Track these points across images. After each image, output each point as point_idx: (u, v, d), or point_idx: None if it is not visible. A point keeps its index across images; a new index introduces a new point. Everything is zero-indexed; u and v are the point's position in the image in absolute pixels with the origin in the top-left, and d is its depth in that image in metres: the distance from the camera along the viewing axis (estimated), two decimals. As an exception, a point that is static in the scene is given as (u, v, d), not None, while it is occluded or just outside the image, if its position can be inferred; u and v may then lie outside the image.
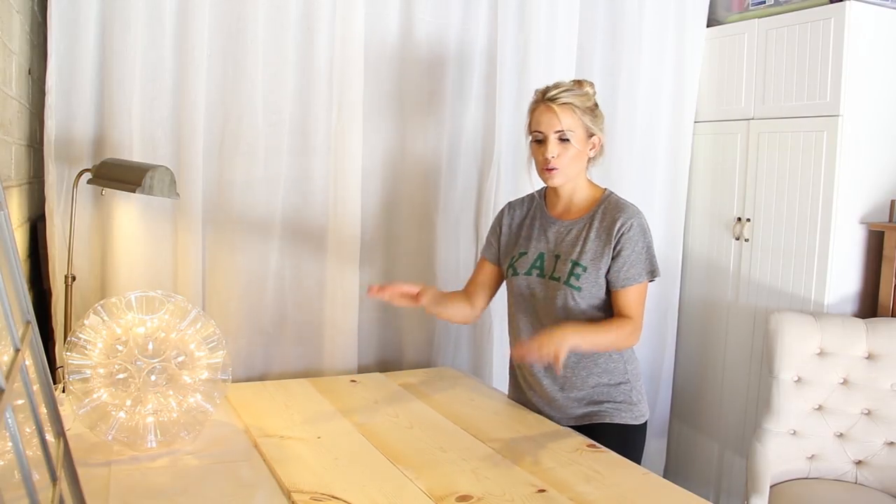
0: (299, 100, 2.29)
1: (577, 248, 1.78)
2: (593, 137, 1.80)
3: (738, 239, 2.75)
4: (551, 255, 1.82)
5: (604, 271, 1.76)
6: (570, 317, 1.77)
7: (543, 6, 2.53)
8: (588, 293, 1.76)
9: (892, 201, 2.49)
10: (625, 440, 1.78)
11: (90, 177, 1.92)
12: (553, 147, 1.74)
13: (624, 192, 2.74)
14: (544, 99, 1.76)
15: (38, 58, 2.08)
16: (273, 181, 2.28)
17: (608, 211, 1.79)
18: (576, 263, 1.76)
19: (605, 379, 1.81)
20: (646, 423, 1.86)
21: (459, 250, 2.57)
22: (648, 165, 2.82)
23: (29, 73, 1.98)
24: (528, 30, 2.53)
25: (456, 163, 2.52)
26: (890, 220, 2.48)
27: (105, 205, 2.09)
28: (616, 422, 1.80)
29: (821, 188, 2.46)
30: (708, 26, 2.86)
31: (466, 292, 2.00)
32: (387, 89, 2.41)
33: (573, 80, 1.82)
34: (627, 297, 1.75)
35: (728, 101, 2.79)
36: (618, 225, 1.75)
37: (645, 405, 1.87)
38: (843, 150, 2.41)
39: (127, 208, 2.11)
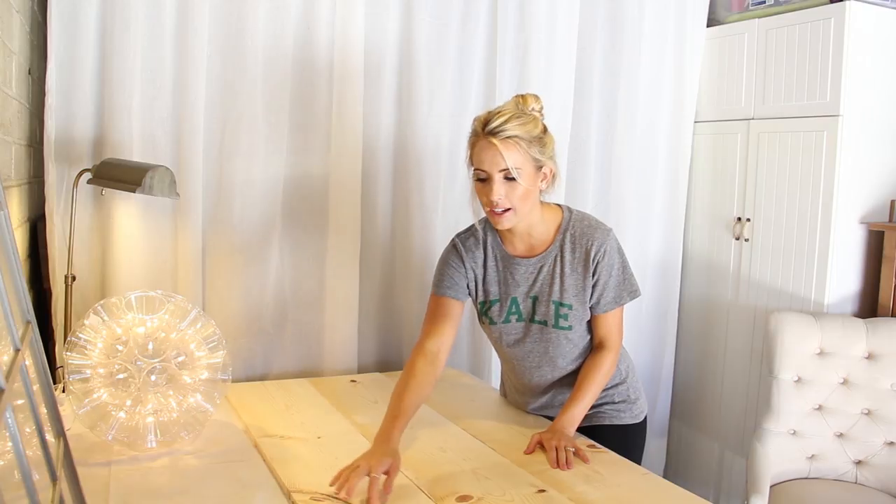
0: (299, 100, 2.29)
1: (556, 287, 1.66)
2: (543, 168, 1.58)
3: (738, 239, 2.75)
4: (526, 298, 1.69)
5: (589, 304, 1.68)
6: (566, 354, 1.73)
7: (543, 6, 2.53)
8: (579, 327, 1.70)
9: (892, 201, 2.48)
10: (626, 440, 1.76)
11: (90, 177, 1.92)
12: (499, 188, 1.53)
13: (624, 192, 2.78)
14: (484, 132, 1.53)
15: (38, 58, 2.08)
16: (273, 181, 2.28)
17: (577, 238, 1.65)
18: (560, 304, 1.66)
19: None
20: (646, 418, 1.85)
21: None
22: (648, 165, 2.82)
23: (29, 73, 1.98)
24: (528, 30, 2.53)
25: (455, 163, 2.51)
26: (890, 220, 2.48)
27: (105, 205, 2.09)
28: (616, 423, 1.79)
29: (821, 188, 2.46)
30: (708, 26, 2.86)
31: (430, 351, 1.66)
32: (386, 89, 2.41)
33: (516, 97, 1.59)
34: (608, 322, 1.69)
35: (728, 101, 2.79)
36: (592, 253, 1.63)
37: (643, 400, 1.86)
38: (843, 150, 2.41)
39: (127, 208, 2.10)
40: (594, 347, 1.73)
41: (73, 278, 1.95)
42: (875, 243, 2.50)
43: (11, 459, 0.80)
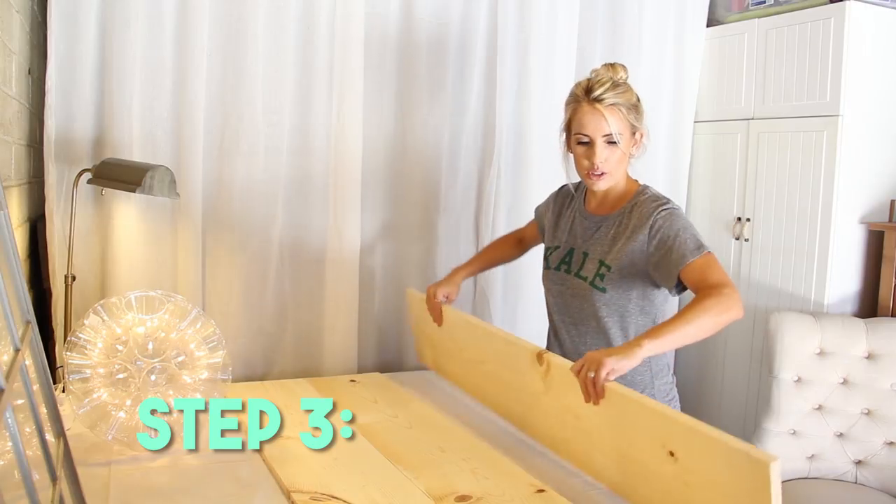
0: (299, 100, 2.29)
1: (606, 247, 1.66)
2: (636, 134, 1.67)
3: (738, 239, 2.75)
4: (580, 252, 1.72)
5: (640, 271, 1.61)
6: (595, 322, 1.67)
7: (543, 6, 2.53)
8: (613, 296, 1.64)
9: (892, 201, 2.49)
10: None
11: (90, 177, 1.92)
12: (601, 152, 1.60)
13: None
14: (588, 98, 1.60)
15: (38, 58, 2.08)
16: (273, 181, 2.28)
17: (642, 205, 1.65)
18: (602, 263, 1.65)
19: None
20: None
21: (459, 250, 2.56)
22: (648, 165, 2.81)
23: (29, 73, 1.98)
24: (528, 30, 2.52)
25: (456, 162, 2.52)
26: (890, 220, 2.48)
27: (105, 205, 2.09)
28: None
29: (821, 188, 2.46)
30: (708, 26, 2.86)
31: (513, 236, 2.10)
32: (387, 90, 2.41)
33: (605, 66, 1.65)
34: (698, 269, 1.49)
35: (728, 101, 2.79)
36: (652, 218, 1.60)
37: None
38: (843, 150, 2.41)
39: (127, 208, 2.11)
40: None
41: (73, 278, 1.95)
42: (875, 243, 2.50)
43: (11, 459, 0.80)
